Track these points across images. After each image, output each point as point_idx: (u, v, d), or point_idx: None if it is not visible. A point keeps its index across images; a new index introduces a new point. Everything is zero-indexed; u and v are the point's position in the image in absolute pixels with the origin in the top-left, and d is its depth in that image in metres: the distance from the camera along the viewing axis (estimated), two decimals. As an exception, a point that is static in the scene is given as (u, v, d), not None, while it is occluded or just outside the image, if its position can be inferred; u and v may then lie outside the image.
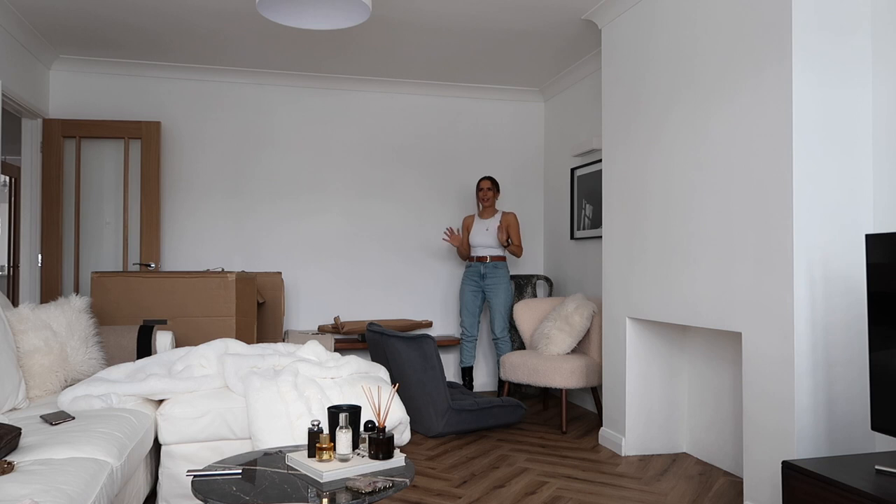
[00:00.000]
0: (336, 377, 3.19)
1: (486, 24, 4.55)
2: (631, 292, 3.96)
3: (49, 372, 3.04)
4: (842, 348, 2.76)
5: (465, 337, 5.45)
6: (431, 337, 4.27)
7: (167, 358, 3.27)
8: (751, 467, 2.98)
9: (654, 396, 4.01)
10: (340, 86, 5.79)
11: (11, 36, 4.48)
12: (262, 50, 5.08)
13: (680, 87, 3.54)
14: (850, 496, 1.99)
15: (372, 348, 4.80)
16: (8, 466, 1.96)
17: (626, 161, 4.04)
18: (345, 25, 3.65)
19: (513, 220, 5.35)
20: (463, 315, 5.44)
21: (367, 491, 1.97)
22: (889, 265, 2.21)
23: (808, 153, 2.77)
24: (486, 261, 5.35)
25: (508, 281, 5.34)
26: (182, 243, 5.49)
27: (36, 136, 5.14)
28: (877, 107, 2.81)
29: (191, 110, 5.53)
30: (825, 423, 2.74)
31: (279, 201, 5.69)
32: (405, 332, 4.46)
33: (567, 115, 5.76)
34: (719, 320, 3.20)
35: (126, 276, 4.01)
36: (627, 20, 4.05)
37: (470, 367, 5.49)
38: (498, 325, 5.29)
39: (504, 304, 5.29)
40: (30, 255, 5.12)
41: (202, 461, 2.93)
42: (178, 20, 4.50)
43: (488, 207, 5.43)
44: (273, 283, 5.04)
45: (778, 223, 2.84)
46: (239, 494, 1.98)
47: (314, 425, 2.28)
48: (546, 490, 3.33)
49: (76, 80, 5.33)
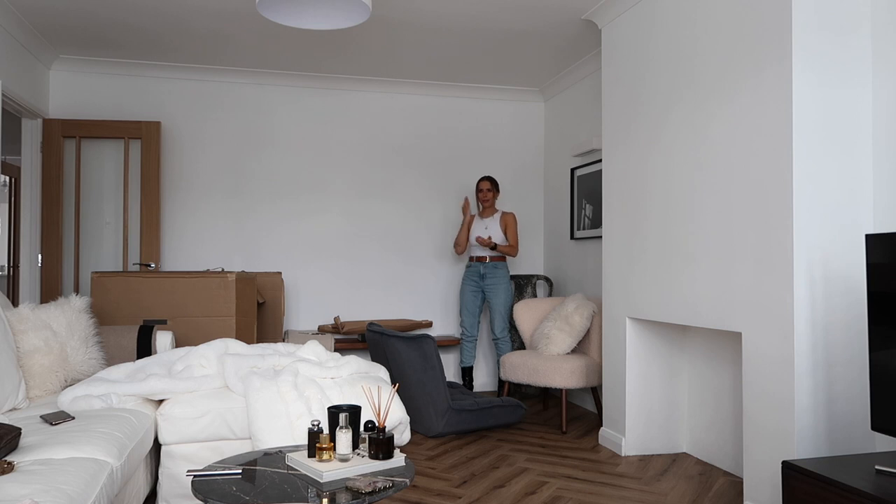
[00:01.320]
0: (336, 377, 3.19)
1: (486, 24, 4.55)
2: (631, 292, 3.96)
3: (49, 372, 3.04)
4: (842, 348, 2.76)
5: (464, 337, 5.45)
6: (431, 337, 4.27)
7: (167, 358, 3.27)
8: (751, 467, 2.98)
9: (654, 396, 4.01)
10: (340, 86, 5.79)
11: (11, 36, 4.48)
12: (262, 50, 5.09)
13: (680, 87, 3.54)
14: (850, 496, 1.99)
15: (372, 348, 4.80)
16: (8, 466, 1.96)
17: (626, 161, 4.04)
18: (345, 25, 3.65)
19: (511, 219, 5.36)
20: (463, 315, 5.44)
21: (367, 491, 1.97)
22: (889, 265, 2.21)
23: (808, 153, 2.77)
24: (486, 261, 5.35)
25: (508, 281, 5.34)
26: (182, 243, 5.49)
27: (36, 136, 5.14)
28: (877, 107, 2.81)
29: (191, 110, 5.53)
30: (825, 423, 2.74)
31: (279, 201, 5.69)
32: (405, 332, 4.46)
33: (567, 115, 5.76)
34: (719, 320, 3.20)
35: (126, 276, 4.01)
36: (627, 20, 4.05)
37: (470, 367, 5.49)
38: (498, 325, 5.29)
39: (504, 304, 5.29)
40: (30, 255, 5.12)
41: (202, 461, 2.93)
42: (178, 20, 4.50)
43: (488, 207, 5.44)
44: (273, 283, 5.04)
45: (778, 223, 2.84)
46: (239, 494, 1.98)
47: (314, 425, 2.28)
48: (546, 490, 3.33)
49: (76, 80, 5.33)
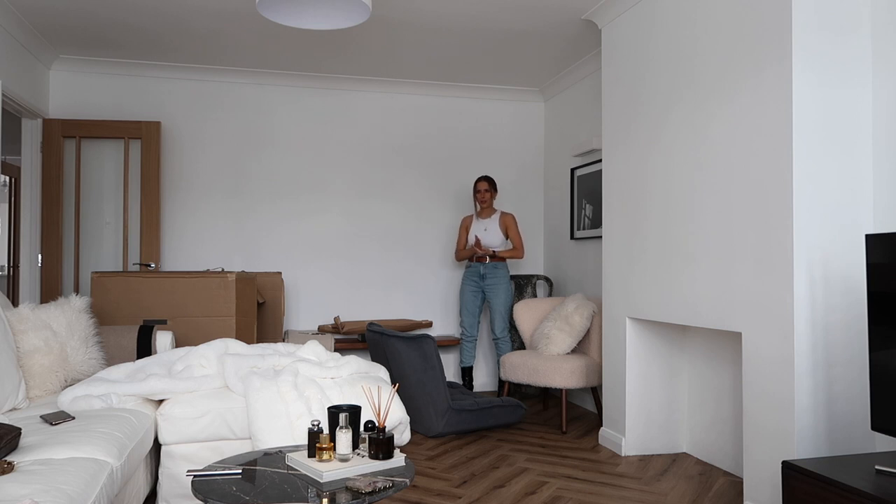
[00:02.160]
0: (336, 377, 3.19)
1: (486, 24, 4.55)
2: (631, 292, 3.96)
3: (49, 372, 3.04)
4: (842, 348, 2.76)
5: (464, 337, 5.44)
6: (431, 337, 4.27)
7: (167, 358, 3.27)
8: (751, 467, 2.98)
9: (654, 396, 4.01)
10: (340, 86, 5.79)
11: (11, 36, 4.48)
12: (262, 50, 5.09)
13: (680, 86, 3.54)
14: (850, 496, 1.99)
15: (372, 348, 4.80)
16: (8, 466, 1.96)
17: (626, 161, 4.04)
18: (345, 25, 3.65)
19: (511, 220, 5.35)
20: (463, 315, 5.43)
21: (367, 491, 1.97)
22: (889, 265, 2.21)
23: (808, 153, 2.77)
24: (486, 261, 5.34)
25: (508, 281, 5.34)
26: (182, 243, 5.49)
27: (36, 136, 5.14)
28: (877, 107, 2.81)
29: (191, 110, 5.53)
30: (825, 423, 2.74)
31: (279, 201, 5.69)
32: (405, 332, 4.46)
33: (567, 115, 5.76)
34: (719, 320, 3.20)
35: (126, 276, 4.01)
36: (627, 20, 4.05)
37: (470, 367, 5.49)
38: (498, 325, 5.29)
39: (504, 305, 5.29)
40: (30, 255, 5.12)
41: (202, 461, 2.93)
42: (178, 20, 4.50)
43: (486, 208, 5.43)
44: (273, 283, 5.04)
45: (778, 223, 2.84)
46: (239, 494, 1.98)
47: (314, 425, 2.28)
48: (546, 490, 3.33)
49: (76, 80, 5.33)
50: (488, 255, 5.24)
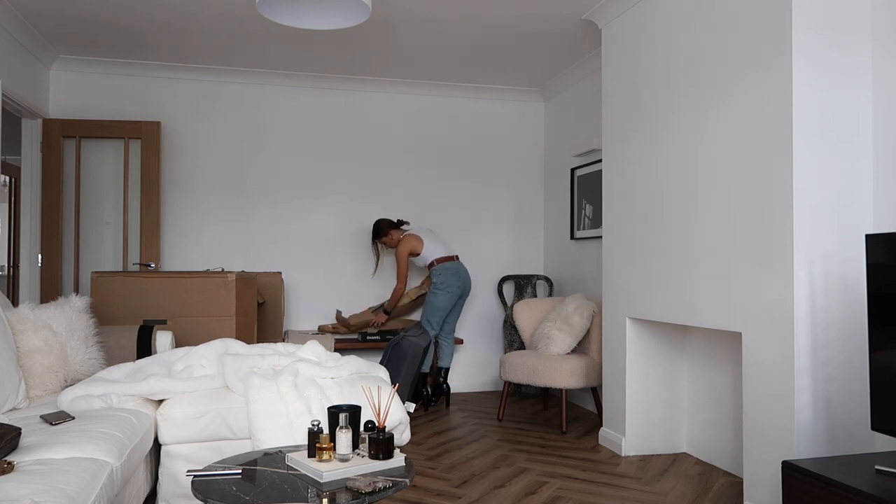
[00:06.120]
0: (336, 377, 3.19)
1: (487, 25, 4.55)
2: (631, 292, 3.96)
3: (49, 372, 3.04)
4: (842, 348, 2.76)
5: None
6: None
7: (167, 358, 3.27)
8: (751, 467, 2.98)
9: (654, 396, 4.01)
10: (340, 86, 5.79)
11: (11, 36, 4.48)
12: (262, 50, 5.08)
13: (680, 86, 3.54)
14: (850, 496, 1.99)
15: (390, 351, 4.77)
16: (8, 466, 1.96)
17: (626, 161, 4.04)
18: (345, 25, 3.65)
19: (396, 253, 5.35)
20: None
21: (367, 491, 1.97)
22: (889, 265, 2.21)
23: (808, 153, 2.77)
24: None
25: (434, 288, 5.23)
26: (182, 243, 5.49)
27: (36, 136, 5.14)
28: (877, 107, 2.81)
29: (191, 110, 5.53)
30: (825, 422, 2.74)
31: (279, 201, 5.69)
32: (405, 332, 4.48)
33: (567, 115, 5.76)
34: (719, 320, 3.20)
35: (126, 276, 4.01)
36: (627, 20, 4.05)
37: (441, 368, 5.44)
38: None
39: (429, 304, 5.24)
40: (30, 255, 5.12)
41: (202, 461, 2.93)
42: (178, 20, 4.50)
43: (392, 248, 5.48)
44: (273, 283, 5.04)
45: (778, 223, 2.84)
46: (239, 494, 1.98)
47: (314, 425, 2.28)
48: (546, 490, 3.33)
49: (76, 80, 5.33)
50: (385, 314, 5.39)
